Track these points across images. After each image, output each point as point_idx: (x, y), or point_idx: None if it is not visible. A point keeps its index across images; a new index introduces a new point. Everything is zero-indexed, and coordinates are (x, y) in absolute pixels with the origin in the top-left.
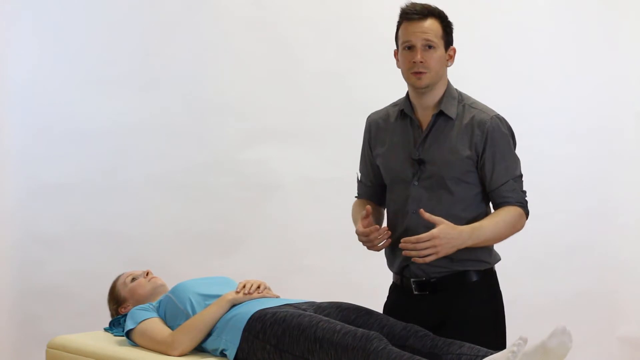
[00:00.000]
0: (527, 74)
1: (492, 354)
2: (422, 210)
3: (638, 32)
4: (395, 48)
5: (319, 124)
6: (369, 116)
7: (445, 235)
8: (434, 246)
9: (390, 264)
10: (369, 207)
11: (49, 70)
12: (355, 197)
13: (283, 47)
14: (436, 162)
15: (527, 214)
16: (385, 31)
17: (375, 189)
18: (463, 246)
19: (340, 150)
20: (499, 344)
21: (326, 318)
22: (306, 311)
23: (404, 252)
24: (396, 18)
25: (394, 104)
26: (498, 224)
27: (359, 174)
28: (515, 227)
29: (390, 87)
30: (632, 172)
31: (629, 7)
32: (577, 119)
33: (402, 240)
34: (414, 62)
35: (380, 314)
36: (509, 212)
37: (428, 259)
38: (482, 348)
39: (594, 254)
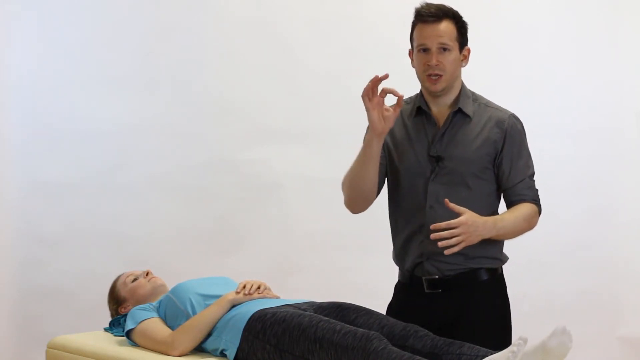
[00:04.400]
0: (527, 74)
1: (492, 353)
2: (447, 200)
3: (638, 32)
4: (410, 48)
5: (319, 124)
6: None
7: (473, 223)
8: (464, 233)
9: (401, 262)
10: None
11: (49, 70)
12: None
13: (283, 47)
14: (454, 159)
15: (540, 211)
16: (386, 31)
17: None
18: (487, 236)
19: (340, 150)
20: (506, 344)
21: (326, 318)
22: (306, 311)
23: (439, 243)
24: (396, 18)
25: (405, 102)
26: (517, 218)
27: None
28: (530, 224)
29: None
30: (633, 171)
31: (629, 7)
32: (578, 118)
33: (432, 227)
34: (429, 65)
35: (380, 314)
36: (526, 208)
37: (458, 247)
38: (482, 348)
39: (594, 254)
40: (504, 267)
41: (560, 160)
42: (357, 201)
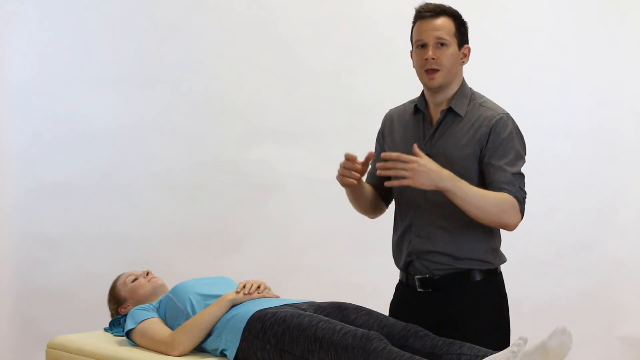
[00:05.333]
0: (527, 74)
1: (492, 353)
2: (415, 145)
3: (638, 32)
4: (411, 49)
5: (319, 124)
6: (387, 112)
7: (425, 164)
8: (412, 169)
9: (396, 261)
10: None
11: (49, 70)
12: None
13: (283, 47)
14: (441, 158)
15: (522, 210)
16: (385, 31)
17: (379, 178)
18: (440, 186)
19: (340, 150)
20: (503, 344)
21: (326, 318)
22: (306, 311)
23: (378, 172)
24: (396, 18)
25: (412, 101)
26: (485, 196)
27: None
28: (503, 212)
29: (390, 87)
30: (632, 172)
31: (629, 7)
32: (577, 119)
33: (382, 155)
34: (426, 59)
35: (380, 314)
36: (501, 195)
37: (399, 183)
38: (482, 348)
39: (594, 254)
40: (503, 267)
41: (560, 160)
42: (367, 214)
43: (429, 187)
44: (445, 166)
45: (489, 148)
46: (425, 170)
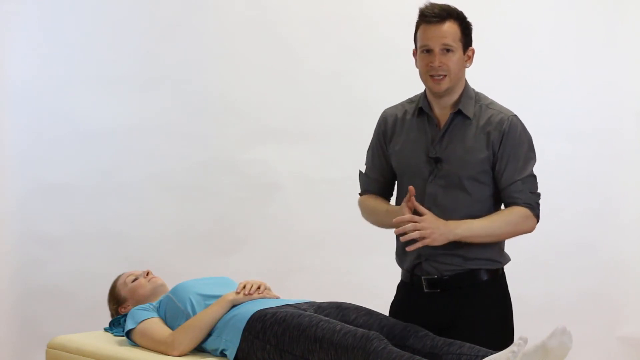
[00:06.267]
0: (527, 74)
1: (492, 353)
2: (412, 187)
3: (638, 32)
4: (414, 47)
5: (319, 124)
6: (384, 111)
7: (432, 221)
8: (426, 228)
9: (401, 262)
10: (412, 189)
11: (49, 70)
12: (360, 194)
13: (283, 47)
14: (452, 161)
15: (536, 215)
16: (385, 31)
17: (386, 183)
18: (453, 238)
19: (340, 150)
20: (506, 344)
21: (326, 318)
22: (306, 311)
23: (401, 238)
24: (396, 17)
25: (410, 101)
26: (495, 221)
27: (363, 170)
28: (518, 227)
29: (390, 87)
30: (632, 172)
31: (629, 7)
32: (577, 119)
33: (394, 220)
34: (432, 66)
35: (380, 314)
36: (511, 212)
37: (420, 244)
38: (482, 348)
39: (594, 254)
40: (505, 267)
41: (560, 160)
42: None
43: (443, 242)
44: (458, 169)
45: (502, 151)
46: (434, 228)
